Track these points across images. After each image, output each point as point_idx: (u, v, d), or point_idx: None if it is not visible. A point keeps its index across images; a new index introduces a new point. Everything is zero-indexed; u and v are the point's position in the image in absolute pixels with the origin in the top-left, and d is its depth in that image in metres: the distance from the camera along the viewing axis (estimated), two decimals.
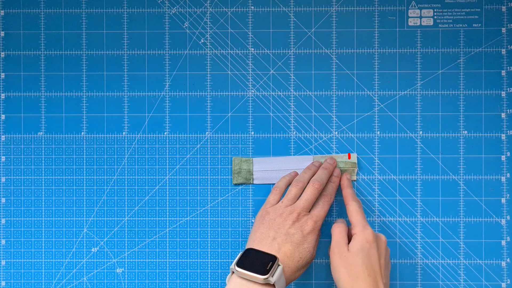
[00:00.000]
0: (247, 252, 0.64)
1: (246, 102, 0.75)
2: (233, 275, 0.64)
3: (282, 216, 0.66)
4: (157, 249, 0.75)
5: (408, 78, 0.75)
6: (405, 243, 0.75)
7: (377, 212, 0.75)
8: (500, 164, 0.74)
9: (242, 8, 0.76)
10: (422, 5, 0.75)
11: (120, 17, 0.76)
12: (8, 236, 0.76)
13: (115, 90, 0.76)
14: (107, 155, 0.76)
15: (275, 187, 0.71)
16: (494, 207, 0.74)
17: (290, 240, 0.65)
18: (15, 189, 0.76)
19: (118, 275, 0.75)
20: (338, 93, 0.75)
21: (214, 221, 0.75)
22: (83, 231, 0.76)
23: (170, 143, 0.76)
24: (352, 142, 0.75)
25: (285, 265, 0.64)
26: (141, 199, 0.75)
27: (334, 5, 0.75)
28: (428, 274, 0.74)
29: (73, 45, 0.76)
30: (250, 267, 0.62)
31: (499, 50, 0.74)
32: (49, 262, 0.75)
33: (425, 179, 0.74)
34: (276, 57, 0.75)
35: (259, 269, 0.62)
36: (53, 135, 0.76)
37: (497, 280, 0.74)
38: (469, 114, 0.75)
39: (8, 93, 0.76)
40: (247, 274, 0.62)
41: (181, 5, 0.76)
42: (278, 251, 0.64)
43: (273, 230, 0.65)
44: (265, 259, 0.63)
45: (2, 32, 0.76)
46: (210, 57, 0.76)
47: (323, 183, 0.70)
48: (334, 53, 0.75)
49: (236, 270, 0.62)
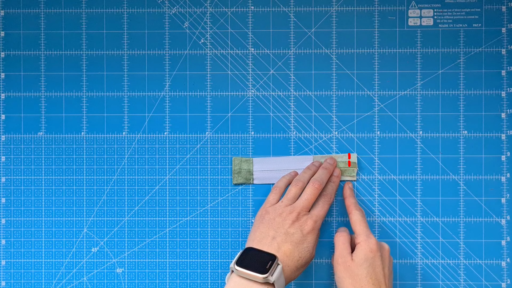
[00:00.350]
0: (246, 251, 0.64)
1: (246, 102, 0.75)
2: (233, 274, 0.64)
3: (281, 216, 0.66)
4: (157, 249, 0.75)
5: (408, 78, 0.75)
6: (405, 243, 0.75)
7: (377, 212, 0.75)
8: (500, 164, 0.74)
9: (242, 8, 0.76)
10: (422, 5, 0.75)
11: (120, 17, 0.76)
12: (8, 236, 0.76)
13: (115, 90, 0.76)
14: (107, 155, 0.76)
15: (274, 187, 0.71)
16: (494, 207, 0.74)
17: (290, 240, 0.65)
18: (15, 189, 0.76)
19: (118, 275, 0.75)
20: (338, 93, 0.75)
21: (214, 221, 0.75)
22: (83, 231, 0.76)
23: (170, 143, 0.76)
24: (352, 142, 0.75)
25: (285, 264, 0.64)
26: (141, 199, 0.75)
27: (334, 5, 0.75)
28: (428, 274, 0.74)
29: (73, 45, 0.76)
30: (249, 266, 0.62)
31: (499, 50, 0.74)
32: (49, 262, 0.75)
33: (425, 179, 0.74)
34: (276, 57, 0.75)
35: (258, 268, 0.62)
36: (53, 135, 0.76)
37: (497, 280, 0.74)
38: (469, 114, 0.75)
39: (8, 93, 0.76)
40: (246, 273, 0.62)
41: (181, 5, 0.76)
42: (278, 250, 0.64)
43: (272, 229, 0.65)
44: (264, 258, 0.63)
45: (2, 32, 0.76)
46: (210, 57, 0.76)
47: (323, 183, 0.70)
48: (334, 53, 0.75)
49: (236, 269, 0.62)
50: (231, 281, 0.63)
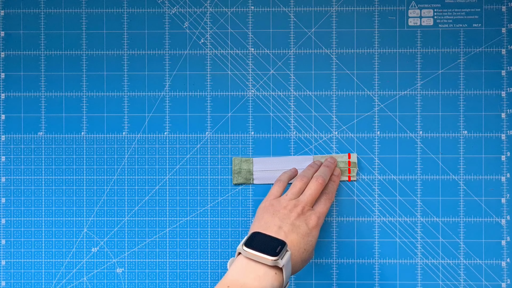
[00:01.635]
0: (253, 235, 0.62)
1: (246, 102, 0.75)
2: (239, 256, 0.61)
3: (286, 208, 0.66)
4: (157, 249, 0.75)
5: (408, 78, 0.75)
6: (405, 243, 0.75)
7: (377, 212, 0.75)
8: (500, 164, 0.74)
9: (242, 8, 0.76)
10: (422, 5, 0.75)
11: (120, 17, 0.76)
12: (8, 236, 0.76)
13: (115, 90, 0.76)
14: (107, 155, 0.76)
15: (278, 180, 0.71)
16: (494, 207, 0.74)
17: (297, 231, 0.64)
18: (15, 189, 0.76)
19: (118, 275, 0.75)
20: (338, 93, 0.75)
21: (214, 221, 0.75)
22: (83, 231, 0.76)
23: (170, 143, 0.76)
24: (352, 142, 0.75)
25: (292, 253, 0.63)
26: (141, 199, 0.75)
27: (334, 5, 0.75)
28: (428, 274, 0.74)
29: (73, 45, 0.76)
30: (258, 248, 0.60)
31: (499, 50, 0.74)
32: (49, 262, 0.75)
33: (425, 179, 0.74)
34: (276, 57, 0.75)
35: (268, 251, 0.60)
36: (53, 135, 0.76)
37: (497, 280, 0.74)
38: (469, 114, 0.75)
39: (8, 93, 0.76)
40: (256, 255, 0.59)
41: (181, 5, 0.76)
42: (285, 239, 0.63)
43: (278, 219, 0.65)
44: (274, 242, 0.61)
45: (2, 32, 0.76)
46: (210, 57, 0.76)
47: (326, 179, 0.70)
48: (334, 53, 0.75)
49: (244, 250, 0.60)
50: (237, 263, 0.61)
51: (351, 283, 0.74)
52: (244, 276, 0.59)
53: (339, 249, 0.75)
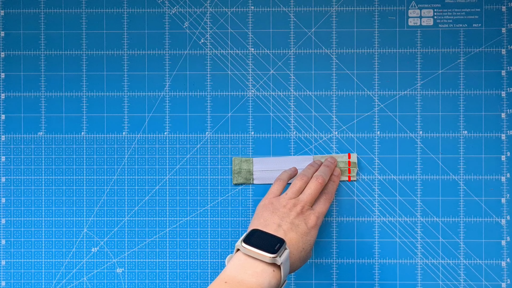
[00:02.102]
0: (252, 232, 0.62)
1: (246, 102, 0.75)
2: (237, 253, 0.61)
3: (286, 207, 0.66)
4: (157, 249, 0.75)
5: (408, 78, 0.75)
6: (405, 243, 0.75)
7: (377, 212, 0.75)
8: (500, 164, 0.74)
9: (242, 8, 0.76)
10: (422, 5, 0.75)
11: (120, 17, 0.76)
12: (8, 236, 0.76)
13: (115, 90, 0.76)
14: (107, 155, 0.76)
15: (278, 179, 0.71)
16: (494, 207, 0.74)
17: (296, 230, 0.64)
18: (15, 189, 0.76)
19: (118, 275, 0.75)
20: (338, 93, 0.75)
21: (214, 221, 0.75)
22: (83, 231, 0.76)
23: (170, 143, 0.76)
24: (352, 142, 0.75)
25: (290, 251, 0.63)
26: (141, 199, 0.75)
27: (334, 5, 0.75)
28: (428, 274, 0.74)
29: (73, 45, 0.76)
30: (257, 245, 0.60)
31: (499, 50, 0.74)
32: (49, 262, 0.75)
33: (425, 179, 0.74)
34: (276, 57, 0.75)
35: (267, 248, 0.60)
36: (53, 135, 0.76)
37: (497, 280, 0.74)
38: (469, 114, 0.75)
39: (8, 93, 0.76)
40: (254, 252, 0.60)
41: (181, 5, 0.76)
42: (284, 237, 0.63)
43: (278, 217, 0.65)
44: (272, 240, 0.61)
45: (2, 32, 0.76)
46: (210, 57, 0.76)
47: (326, 179, 0.70)
48: (334, 53, 0.75)
49: (243, 247, 0.60)
50: (235, 259, 0.61)
51: (351, 283, 0.74)
52: (242, 272, 0.59)
53: (339, 249, 0.75)
